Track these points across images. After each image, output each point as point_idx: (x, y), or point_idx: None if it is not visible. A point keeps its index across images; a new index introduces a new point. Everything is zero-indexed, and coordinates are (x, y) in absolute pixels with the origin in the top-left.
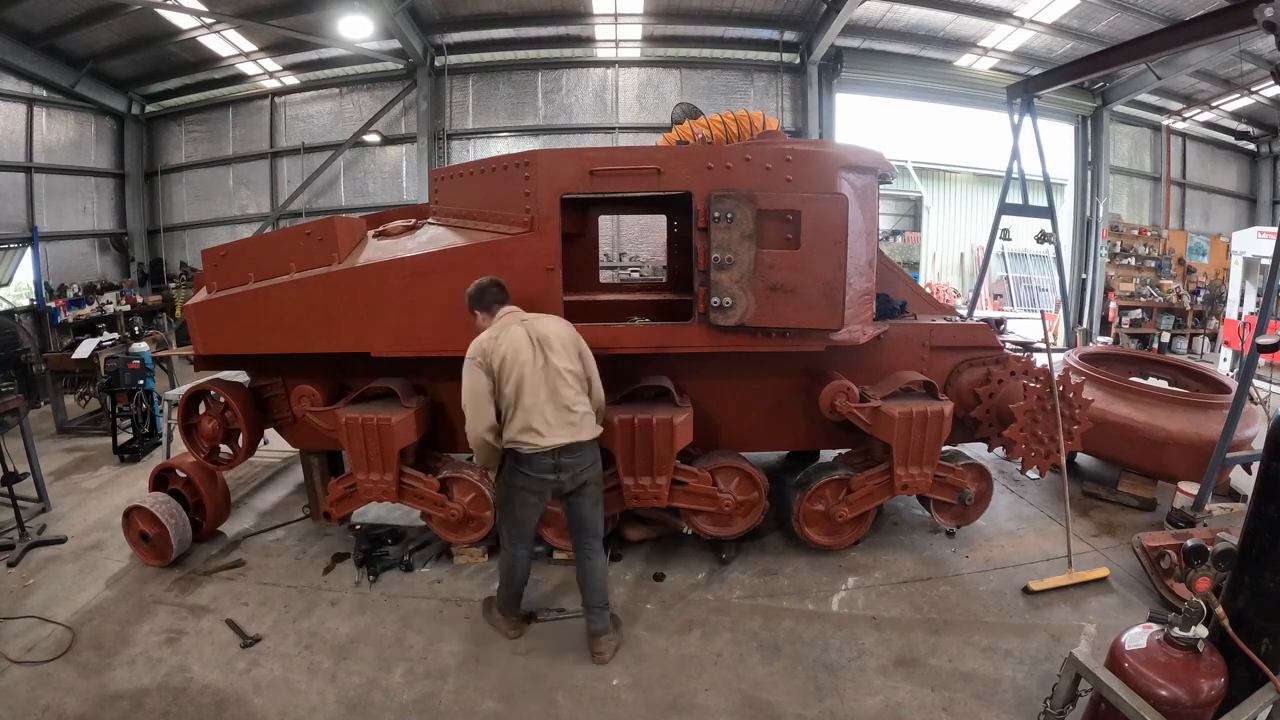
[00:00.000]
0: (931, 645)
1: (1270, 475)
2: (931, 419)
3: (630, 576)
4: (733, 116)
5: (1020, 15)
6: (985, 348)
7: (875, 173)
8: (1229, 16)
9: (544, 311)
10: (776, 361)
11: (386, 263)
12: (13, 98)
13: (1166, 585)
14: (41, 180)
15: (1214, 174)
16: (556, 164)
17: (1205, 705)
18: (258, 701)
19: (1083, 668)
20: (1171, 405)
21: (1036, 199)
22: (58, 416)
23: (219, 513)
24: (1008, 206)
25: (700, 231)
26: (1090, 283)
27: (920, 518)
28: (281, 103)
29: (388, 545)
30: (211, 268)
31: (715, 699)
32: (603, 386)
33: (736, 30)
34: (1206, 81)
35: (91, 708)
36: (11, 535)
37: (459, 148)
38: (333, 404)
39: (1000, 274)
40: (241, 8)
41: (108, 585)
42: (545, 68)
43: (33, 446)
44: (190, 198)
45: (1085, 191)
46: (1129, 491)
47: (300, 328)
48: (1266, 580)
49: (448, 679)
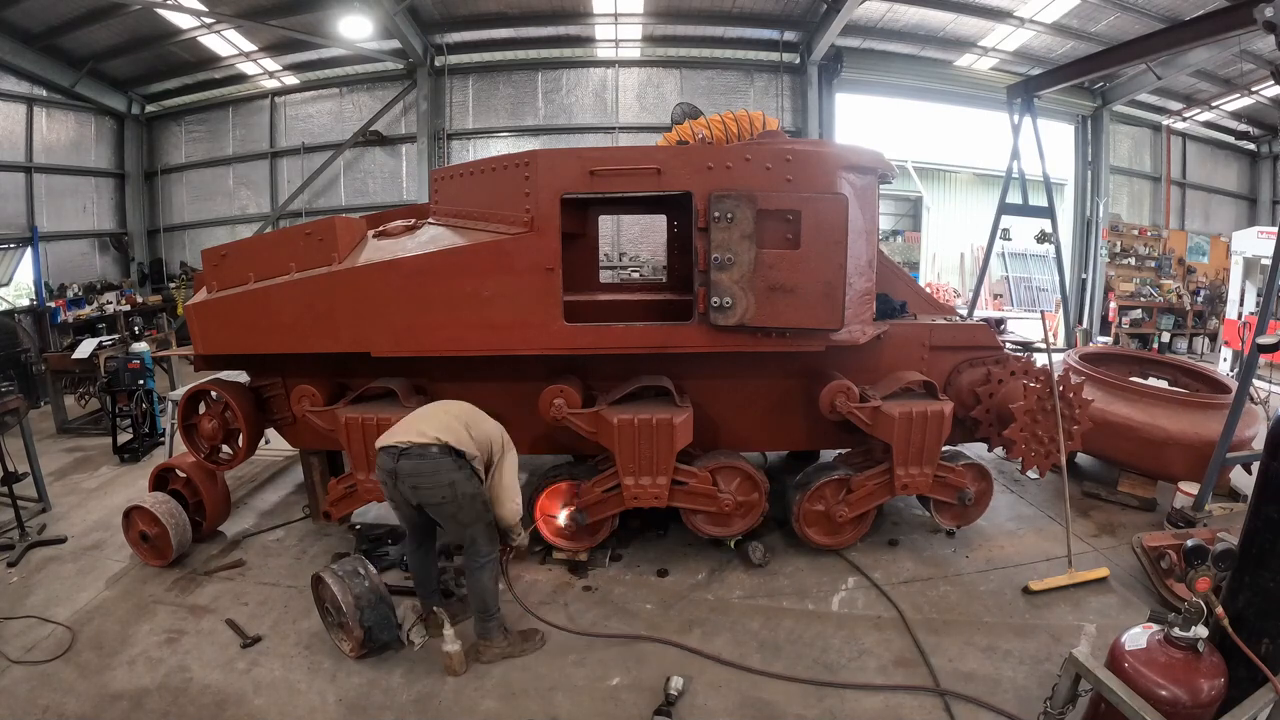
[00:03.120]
0: (932, 645)
1: (1270, 475)
2: (931, 419)
3: (630, 576)
4: (733, 116)
5: (1020, 15)
6: (985, 348)
7: (875, 173)
8: (1229, 16)
9: (543, 312)
10: (776, 361)
11: (386, 263)
12: (13, 98)
13: (1166, 585)
14: (41, 180)
15: (1214, 174)
16: (556, 164)
17: (1205, 705)
18: (258, 701)
19: (1083, 668)
20: (1171, 405)
21: (1036, 199)
22: (58, 416)
23: (219, 512)
24: (1008, 206)
25: (700, 231)
26: (1090, 283)
27: (920, 518)
28: (281, 103)
29: (387, 545)
30: (211, 268)
31: (715, 699)
32: (516, 500)
33: (736, 30)
34: (1206, 81)
35: (91, 708)
36: (11, 535)
37: (459, 148)
38: (333, 404)
39: (1000, 274)
40: (241, 8)
41: (108, 585)
42: (545, 68)
43: (33, 446)
44: (190, 198)
45: (1085, 191)
46: (1129, 491)
47: (300, 328)
48: (1266, 580)
49: (448, 679)
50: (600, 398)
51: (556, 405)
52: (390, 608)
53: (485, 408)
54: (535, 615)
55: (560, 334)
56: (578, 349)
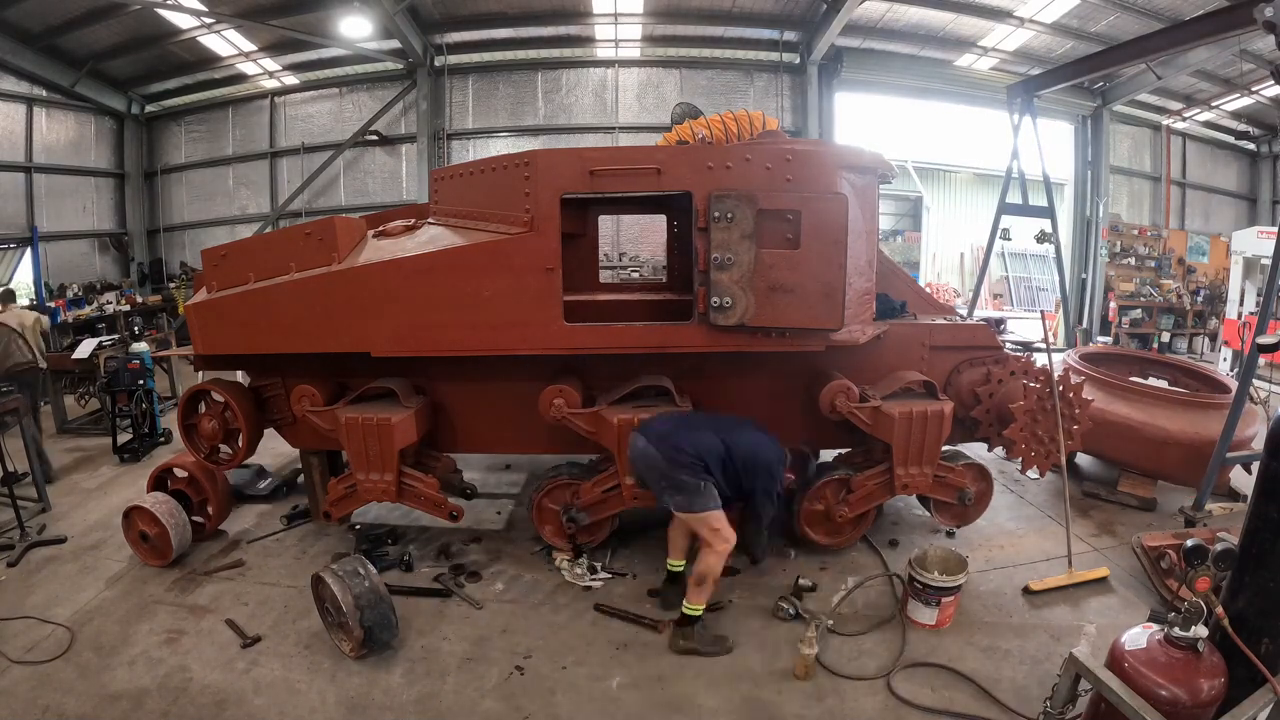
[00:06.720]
0: (932, 645)
1: (1270, 475)
2: (931, 419)
3: (630, 576)
4: (733, 116)
5: (1020, 15)
6: (985, 347)
7: (875, 173)
8: (1229, 16)
9: (543, 312)
10: (776, 361)
11: (386, 263)
12: (13, 98)
13: (1166, 585)
14: (41, 180)
15: (1214, 174)
16: (556, 164)
17: (1205, 705)
18: (258, 701)
19: (1083, 668)
20: (1171, 405)
21: (1036, 199)
22: (58, 416)
23: (221, 512)
24: (1008, 206)
25: (700, 231)
26: (1090, 283)
27: (920, 518)
28: (281, 102)
29: (387, 545)
30: (211, 268)
31: (715, 699)
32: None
33: (736, 30)
34: (1206, 81)
35: (91, 708)
36: (11, 535)
37: (459, 148)
38: (333, 404)
39: (1000, 274)
40: (241, 8)
41: (108, 585)
42: (545, 68)
43: (32, 448)
44: (190, 198)
45: (1085, 191)
46: (1129, 491)
47: (300, 327)
48: (1266, 580)
49: (448, 679)
50: (600, 398)
51: (556, 405)
52: (390, 608)
53: (485, 407)
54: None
55: (560, 334)
56: (578, 349)
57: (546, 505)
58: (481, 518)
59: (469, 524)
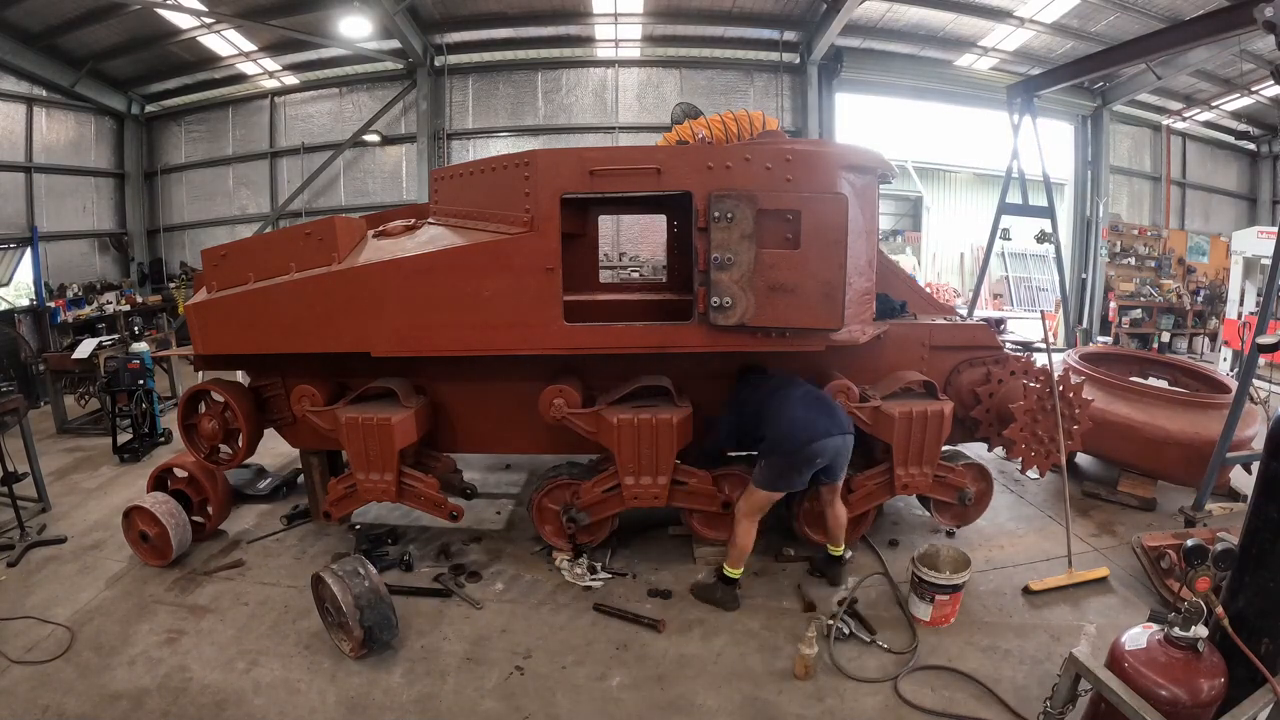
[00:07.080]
0: (932, 645)
1: (1270, 475)
2: (931, 419)
3: (630, 576)
4: (732, 116)
5: (1020, 15)
6: (985, 347)
7: (875, 173)
8: (1229, 16)
9: (543, 312)
10: (776, 361)
11: (386, 262)
12: (12, 98)
13: (1166, 585)
14: (41, 180)
15: (1214, 174)
16: (556, 164)
17: (1205, 705)
18: (258, 701)
19: (1083, 668)
20: (1171, 405)
21: (1036, 199)
22: (58, 416)
23: (221, 512)
24: (1008, 206)
25: (700, 231)
26: (1090, 282)
27: (920, 518)
28: (281, 102)
29: (387, 545)
30: (211, 268)
31: (715, 699)
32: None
33: (736, 30)
34: (1206, 81)
35: (91, 708)
36: (11, 535)
37: (459, 148)
38: (333, 404)
39: (1000, 274)
40: (241, 8)
41: (108, 585)
42: (545, 67)
43: (33, 446)
44: (190, 198)
45: (1085, 191)
46: (1129, 491)
47: (300, 327)
48: (1266, 580)
49: (448, 679)
50: (600, 398)
51: (556, 405)
52: (390, 607)
53: (485, 407)
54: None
55: (560, 334)
56: (577, 349)
57: (546, 505)
58: (481, 518)
59: (469, 524)
